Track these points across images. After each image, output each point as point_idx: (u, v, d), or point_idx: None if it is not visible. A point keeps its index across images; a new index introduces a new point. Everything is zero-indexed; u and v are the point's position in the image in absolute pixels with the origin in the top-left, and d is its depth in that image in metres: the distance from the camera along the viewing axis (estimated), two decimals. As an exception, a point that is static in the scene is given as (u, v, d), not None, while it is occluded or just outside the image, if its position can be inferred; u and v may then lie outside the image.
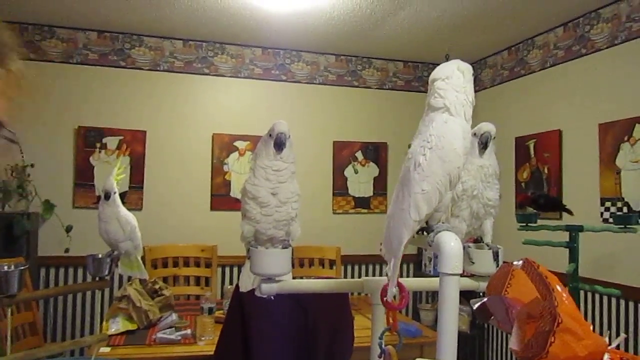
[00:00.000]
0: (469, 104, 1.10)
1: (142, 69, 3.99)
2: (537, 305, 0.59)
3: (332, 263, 4.05)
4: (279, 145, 1.33)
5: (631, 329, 2.95)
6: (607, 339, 0.62)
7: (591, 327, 0.59)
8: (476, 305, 0.81)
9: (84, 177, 3.80)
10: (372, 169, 4.41)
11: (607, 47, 3.21)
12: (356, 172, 4.39)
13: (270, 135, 1.35)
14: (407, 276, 4.34)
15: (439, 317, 1.04)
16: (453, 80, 1.12)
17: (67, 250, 3.67)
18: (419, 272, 4.30)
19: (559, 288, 0.60)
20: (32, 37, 3.77)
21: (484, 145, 1.54)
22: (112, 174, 2.03)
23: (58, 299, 3.75)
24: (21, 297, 2.47)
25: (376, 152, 4.41)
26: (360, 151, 4.40)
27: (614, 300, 3.07)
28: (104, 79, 3.91)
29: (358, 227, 4.27)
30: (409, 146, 1.15)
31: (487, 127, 1.55)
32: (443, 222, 1.63)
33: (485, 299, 0.76)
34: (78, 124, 3.81)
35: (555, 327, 0.56)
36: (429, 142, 1.07)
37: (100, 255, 1.91)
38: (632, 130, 2.97)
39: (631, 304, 2.96)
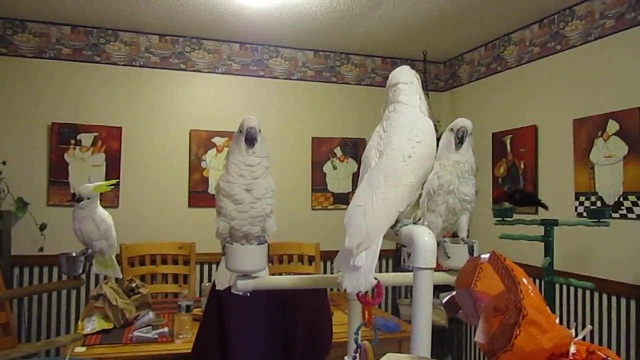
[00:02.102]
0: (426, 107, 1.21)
1: (117, 64, 3.92)
2: (503, 298, 0.60)
3: (311, 259, 4.05)
4: (250, 140, 1.32)
5: (604, 320, 3.01)
6: (573, 331, 0.62)
7: (557, 320, 0.60)
8: (445, 299, 0.81)
9: (58, 174, 3.74)
10: (351, 165, 4.41)
11: (581, 44, 3.25)
12: (335, 168, 4.39)
13: (240, 131, 1.34)
14: (386, 271, 4.36)
15: (412, 311, 1.05)
16: (413, 85, 1.21)
17: (41, 249, 3.61)
18: (398, 268, 4.32)
19: (525, 281, 0.60)
20: (4, 32, 3.69)
21: (460, 140, 1.54)
22: (96, 183, 1.99)
23: (32, 299, 3.69)
24: (-7, 297, 2.42)
25: (355, 148, 4.42)
26: (339, 147, 4.40)
27: (587, 293, 3.13)
28: (78, 75, 3.83)
29: (337, 223, 4.24)
30: (379, 133, 1.18)
31: (463, 122, 1.55)
32: (419, 218, 1.65)
33: (454, 293, 0.77)
34: (52, 120, 3.74)
35: (521, 320, 0.56)
36: (417, 137, 1.12)
37: (74, 254, 1.88)
38: (606, 126, 3.02)
39: (604, 296, 3.02)
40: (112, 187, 2.06)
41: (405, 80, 1.20)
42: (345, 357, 1.52)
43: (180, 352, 2.35)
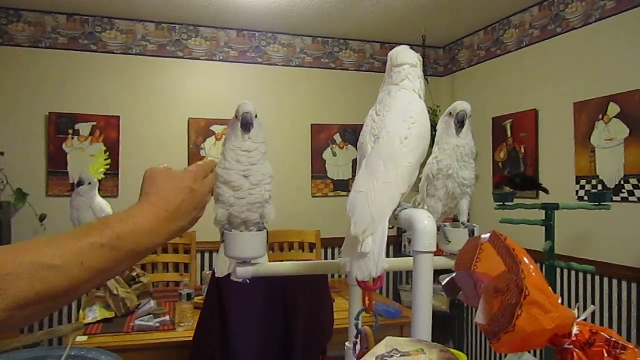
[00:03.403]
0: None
1: (113, 52, 3.89)
2: (503, 279, 0.59)
3: (312, 246, 4.05)
4: (246, 125, 1.30)
5: (605, 303, 3.01)
6: (576, 311, 0.61)
7: (559, 300, 0.59)
8: (445, 281, 0.80)
9: (56, 164, 3.72)
10: (351, 152, 4.40)
11: (581, 26, 3.22)
12: (334, 154, 4.38)
13: (236, 117, 1.32)
14: (386, 257, 4.36)
15: (412, 296, 1.04)
16: (417, 69, 1.18)
17: (41, 240, 3.60)
18: (398, 253, 4.32)
19: (526, 260, 0.59)
20: (-2, 21, 3.66)
21: (461, 124, 1.53)
22: (91, 164, 1.98)
23: (34, 289, 3.69)
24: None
25: (354, 135, 4.39)
26: (338, 134, 4.38)
27: (588, 276, 3.13)
28: (75, 64, 3.81)
29: (337, 209, 4.26)
30: (372, 117, 1.16)
31: (462, 105, 1.53)
32: (419, 203, 1.64)
33: (454, 275, 0.76)
34: (49, 110, 3.72)
35: (522, 300, 0.55)
36: (412, 118, 1.10)
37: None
38: (606, 109, 3.00)
39: (605, 280, 3.02)
40: (107, 166, 2.05)
41: (412, 62, 1.17)
42: (346, 343, 1.51)
43: (181, 340, 2.35)
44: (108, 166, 2.03)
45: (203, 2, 3.55)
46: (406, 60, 1.18)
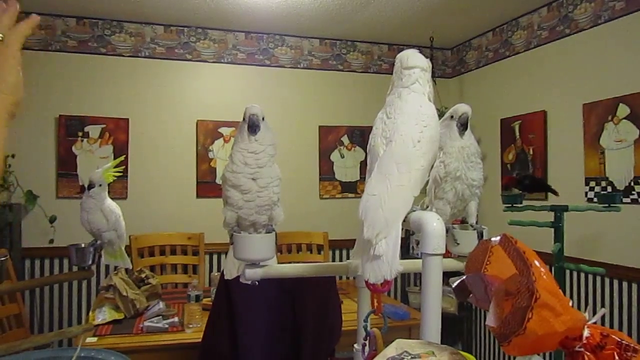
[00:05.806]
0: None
1: (123, 55, 3.92)
2: (514, 281, 0.59)
3: (319, 248, 4.06)
4: (252, 127, 1.31)
5: (616, 306, 2.99)
6: (587, 314, 0.61)
7: (570, 303, 0.59)
8: (455, 284, 0.80)
9: (66, 166, 3.75)
10: (359, 153, 4.40)
11: (590, 27, 3.20)
12: (342, 156, 4.38)
13: (244, 119, 1.33)
14: (395, 260, 4.35)
15: (422, 298, 1.04)
16: (427, 73, 1.20)
17: (51, 241, 3.63)
18: (406, 255, 4.31)
19: (537, 263, 0.59)
20: (9, 25, 3.68)
21: (464, 127, 1.53)
22: (104, 167, 1.98)
23: (44, 291, 3.72)
24: (5, 289, 2.44)
25: (362, 136, 4.39)
26: (346, 135, 4.38)
27: (599, 279, 3.11)
28: (84, 67, 3.83)
29: (345, 211, 4.27)
30: (383, 120, 1.17)
31: (463, 108, 1.53)
32: (427, 205, 1.64)
33: (464, 277, 0.76)
34: (59, 113, 3.75)
35: (533, 303, 0.55)
36: (424, 121, 1.11)
37: (83, 245, 1.88)
38: (616, 110, 2.98)
39: (615, 282, 3.00)
40: (120, 173, 2.05)
41: (423, 65, 1.19)
42: (355, 345, 1.51)
43: (190, 341, 2.36)
44: (120, 173, 2.03)
45: (211, 5, 3.57)
46: (417, 63, 1.19)
